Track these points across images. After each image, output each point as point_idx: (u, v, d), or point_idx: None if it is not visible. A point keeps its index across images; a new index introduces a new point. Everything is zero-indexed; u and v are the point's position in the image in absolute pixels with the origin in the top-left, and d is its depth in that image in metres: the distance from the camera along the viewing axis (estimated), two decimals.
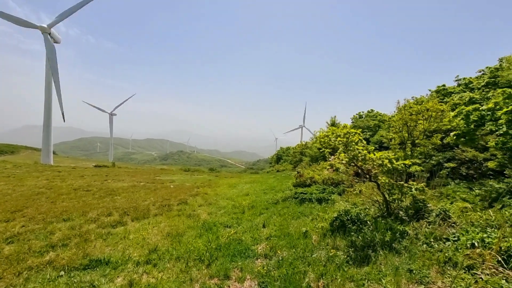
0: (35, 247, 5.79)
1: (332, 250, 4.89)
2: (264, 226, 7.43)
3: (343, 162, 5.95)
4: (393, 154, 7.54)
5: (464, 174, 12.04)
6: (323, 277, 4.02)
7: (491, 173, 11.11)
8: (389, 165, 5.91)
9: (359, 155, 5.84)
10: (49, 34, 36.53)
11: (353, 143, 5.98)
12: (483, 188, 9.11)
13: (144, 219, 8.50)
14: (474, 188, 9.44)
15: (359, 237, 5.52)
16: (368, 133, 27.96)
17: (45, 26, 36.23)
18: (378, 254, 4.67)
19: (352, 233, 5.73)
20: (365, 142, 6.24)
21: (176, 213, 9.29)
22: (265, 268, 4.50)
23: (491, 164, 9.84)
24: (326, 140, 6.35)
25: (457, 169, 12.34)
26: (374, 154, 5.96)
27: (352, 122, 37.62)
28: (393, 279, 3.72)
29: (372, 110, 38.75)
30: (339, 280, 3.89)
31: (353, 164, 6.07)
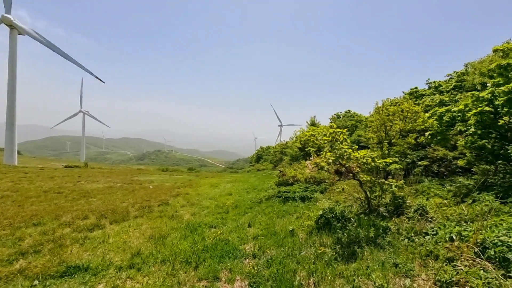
0: (2, 255, 5.31)
1: (320, 248, 4.96)
2: (250, 226, 7.40)
3: (330, 160, 6.07)
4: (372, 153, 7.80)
5: (435, 171, 12.80)
6: (314, 274, 4.06)
7: (460, 170, 11.90)
8: (372, 163, 6.11)
9: (345, 154, 5.98)
10: (13, 26, 33.89)
11: (339, 142, 6.12)
12: (454, 184, 9.72)
13: (124, 221, 8.13)
14: (445, 185, 10.03)
15: (345, 234, 5.66)
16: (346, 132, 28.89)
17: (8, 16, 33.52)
18: (364, 250, 4.81)
19: (338, 230, 5.86)
20: (349, 141, 6.40)
21: (158, 215, 8.98)
22: (255, 268, 4.47)
23: (460, 162, 10.54)
24: (312, 139, 6.44)
25: (429, 167, 13.08)
26: (358, 153, 6.13)
27: (331, 122, 38.66)
28: (381, 274, 3.85)
29: (349, 110, 40.05)
30: (330, 277, 3.95)
31: (338, 163, 6.21)
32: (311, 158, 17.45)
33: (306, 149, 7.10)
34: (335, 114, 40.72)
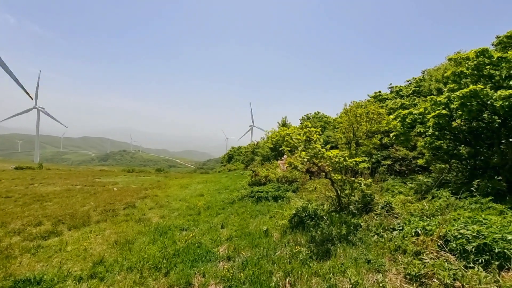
0: None
1: (296, 247, 4.95)
2: (222, 227, 7.21)
3: (305, 159, 6.12)
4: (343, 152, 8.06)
5: (397, 170, 13.65)
6: (290, 274, 4.03)
7: (419, 169, 12.83)
8: (344, 162, 6.29)
9: (319, 153, 6.07)
10: None
11: (312, 142, 6.20)
12: (414, 182, 10.44)
13: (84, 227, 7.47)
14: (407, 183, 10.73)
15: (318, 232, 5.73)
16: None
17: None
18: (337, 247, 4.90)
19: (311, 229, 5.92)
20: (322, 140, 6.52)
21: (123, 218, 8.40)
22: (230, 271, 4.31)
23: (420, 161, 11.35)
24: (287, 139, 6.44)
25: (392, 166, 13.92)
26: (331, 152, 6.26)
27: (301, 122, 39.65)
28: (354, 270, 3.93)
29: (318, 112, 41.42)
30: (306, 276, 3.94)
31: (312, 162, 6.29)
32: (283, 158, 17.68)
33: (280, 149, 7.10)
34: (305, 115, 41.85)
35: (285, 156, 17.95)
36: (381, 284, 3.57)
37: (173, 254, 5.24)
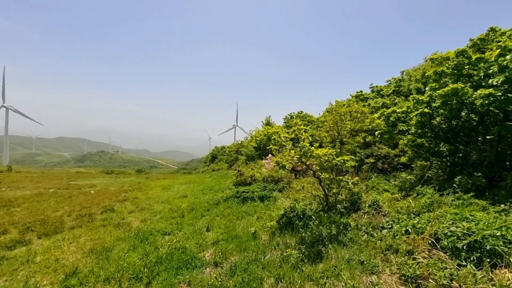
0: None
1: (287, 250, 4.76)
2: (208, 230, 6.90)
3: (294, 158, 5.95)
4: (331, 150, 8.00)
5: (380, 168, 13.89)
6: (282, 280, 3.82)
7: (401, 166, 13.12)
8: (333, 161, 6.19)
9: (308, 151, 5.93)
10: None
11: (301, 140, 6.05)
12: (397, 179, 10.62)
13: (57, 234, 6.90)
14: (390, 180, 10.90)
15: (308, 232, 5.58)
16: None
17: None
18: (328, 248, 4.76)
19: (301, 230, 5.77)
20: (310, 139, 6.39)
21: (101, 223, 7.86)
22: (217, 278, 4.04)
23: (403, 159, 11.57)
24: (274, 137, 6.25)
25: (375, 164, 14.16)
26: (321, 151, 6.14)
27: (284, 122, 39.81)
28: (348, 273, 3.79)
29: (301, 111, 41.79)
30: (298, 281, 3.75)
31: (300, 161, 6.14)
32: (268, 157, 17.52)
33: (268, 148, 6.90)
34: (288, 115, 42.06)
35: (270, 155, 17.82)
36: (376, 287, 3.45)
37: (155, 261, 4.88)
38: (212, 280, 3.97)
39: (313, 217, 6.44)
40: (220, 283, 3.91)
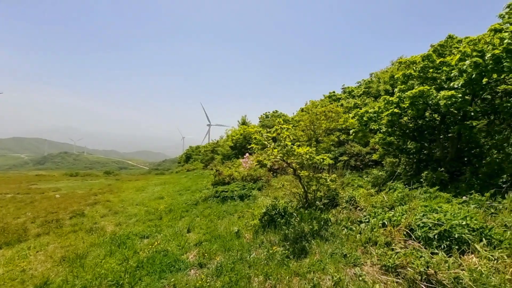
0: None
1: (272, 247, 4.81)
2: (189, 231, 6.75)
3: (278, 157, 6.02)
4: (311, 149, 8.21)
5: (353, 165, 14.54)
6: (270, 277, 3.86)
7: (372, 163, 13.85)
8: (314, 159, 6.36)
9: (291, 150, 6.04)
10: None
11: (282, 139, 6.14)
12: (369, 176, 11.20)
13: (20, 242, 6.34)
14: (363, 176, 11.47)
15: (290, 229, 5.69)
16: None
17: None
18: (312, 244, 4.90)
19: (283, 227, 5.86)
20: (291, 137, 6.51)
21: (71, 229, 7.36)
22: (204, 279, 3.97)
23: (374, 156, 12.21)
24: (255, 136, 6.28)
25: (348, 161, 14.79)
26: (302, 149, 6.28)
27: (260, 121, 40.09)
28: (333, 266, 3.94)
29: (276, 111, 42.36)
30: (286, 277, 3.82)
31: (282, 159, 6.23)
32: (245, 156, 17.53)
33: (249, 146, 6.92)
34: (263, 114, 42.42)
35: (247, 154, 17.84)
36: (360, 278, 3.63)
37: (136, 266, 4.68)
38: (200, 282, 3.90)
39: (294, 214, 6.58)
40: (207, 284, 3.86)
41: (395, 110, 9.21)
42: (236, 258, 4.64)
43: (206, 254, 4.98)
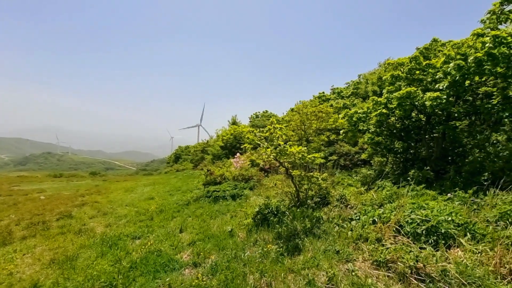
0: None
1: (267, 245, 4.87)
2: (181, 231, 6.72)
3: (271, 156, 6.09)
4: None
5: (342, 164, 14.82)
6: (265, 274, 3.92)
7: (360, 162, 14.16)
8: (306, 158, 6.47)
9: (284, 149, 6.12)
10: None
11: (275, 139, 6.21)
12: (359, 174, 11.46)
13: (6, 246, 6.14)
14: (352, 175, 11.73)
15: (283, 228, 5.77)
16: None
17: None
18: (305, 241, 4.99)
19: (276, 225, 5.93)
20: (284, 137, 6.60)
21: (58, 231, 7.17)
22: (200, 278, 3.98)
23: (363, 156, 12.50)
24: (248, 135, 6.32)
25: (338, 161, 15.07)
26: (295, 149, 6.37)
27: (250, 121, 40.15)
28: (327, 263, 4.04)
29: (266, 111, 42.53)
30: (281, 274, 3.88)
31: (275, 159, 6.30)
32: (236, 156, 17.53)
33: (242, 146, 6.95)
34: (253, 114, 42.53)
35: (238, 154, 17.83)
36: (353, 273, 3.74)
37: (129, 267, 4.63)
38: (196, 281, 3.91)
39: (287, 212, 6.67)
40: (204, 282, 3.87)
41: (383, 110, 9.47)
42: (231, 257, 4.68)
43: (200, 254, 4.98)
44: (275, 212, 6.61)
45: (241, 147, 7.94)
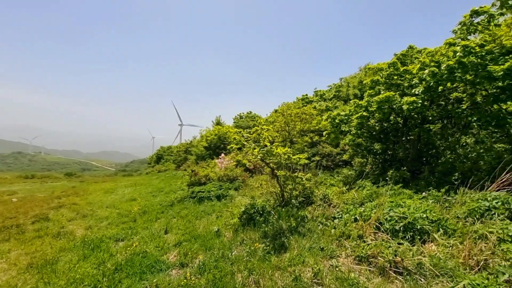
0: None
1: (253, 244, 4.96)
2: (166, 232, 6.66)
3: (258, 157, 6.19)
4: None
5: (325, 165, 15.24)
6: (253, 272, 4.01)
7: (342, 163, 14.64)
8: (291, 159, 6.64)
9: (271, 150, 6.24)
10: None
11: (262, 140, 6.33)
12: (340, 175, 11.85)
13: None
14: (334, 176, 12.10)
15: (269, 227, 5.89)
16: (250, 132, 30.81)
17: None
18: (290, 239, 5.14)
19: (262, 224, 6.05)
20: (271, 138, 6.72)
21: (35, 235, 6.87)
22: (188, 278, 4.00)
23: (345, 156, 12.93)
24: (234, 136, 6.39)
25: (320, 161, 15.47)
26: (281, 150, 6.52)
27: (234, 122, 40.09)
28: (312, 259, 4.20)
29: (250, 112, 42.64)
30: (269, 271, 3.99)
31: (262, 159, 6.41)
32: (220, 157, 17.50)
33: (228, 147, 7.01)
34: (238, 115, 42.49)
35: (222, 154, 17.81)
36: (337, 268, 3.92)
37: (114, 269, 4.55)
38: (184, 281, 3.92)
39: (272, 212, 6.80)
40: (192, 282, 3.89)
41: (364, 113, 9.87)
42: (218, 256, 4.73)
43: (187, 254, 4.99)
44: (261, 212, 6.72)
45: (227, 147, 7.97)
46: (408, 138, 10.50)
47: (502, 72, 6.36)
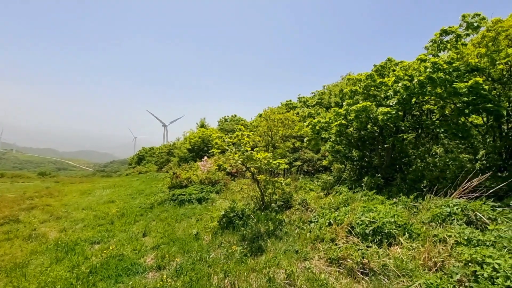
0: None
1: (231, 247, 5.07)
2: (145, 235, 6.63)
3: (239, 161, 6.32)
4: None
5: (305, 170, 15.62)
6: (229, 275, 4.12)
7: (322, 169, 15.06)
8: (271, 164, 6.83)
9: (251, 155, 6.40)
10: None
11: (243, 145, 6.48)
12: (320, 180, 12.22)
13: None
14: (314, 181, 12.45)
15: (248, 230, 6.03)
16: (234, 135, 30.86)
17: None
18: (267, 242, 5.30)
19: (241, 228, 6.17)
20: (252, 143, 6.89)
21: (4, 237, 6.62)
22: (164, 280, 4.05)
23: (324, 162, 13.34)
24: (216, 141, 6.51)
25: (301, 166, 15.84)
26: (261, 155, 6.70)
27: (219, 124, 39.99)
28: (287, 261, 4.37)
29: (235, 115, 42.71)
30: (244, 273, 4.12)
31: (243, 164, 6.56)
32: (203, 160, 17.45)
33: (210, 151, 7.10)
34: (222, 118, 42.41)
35: (205, 157, 17.76)
36: (309, 270, 4.12)
37: (88, 272, 4.50)
38: (160, 283, 3.97)
39: (251, 215, 6.94)
40: (168, 284, 3.95)
41: (343, 121, 10.30)
42: (196, 259, 4.80)
43: (165, 257, 5.01)
44: (241, 215, 6.85)
45: (209, 151, 8.03)
46: (384, 146, 11.05)
47: (466, 89, 6.92)
